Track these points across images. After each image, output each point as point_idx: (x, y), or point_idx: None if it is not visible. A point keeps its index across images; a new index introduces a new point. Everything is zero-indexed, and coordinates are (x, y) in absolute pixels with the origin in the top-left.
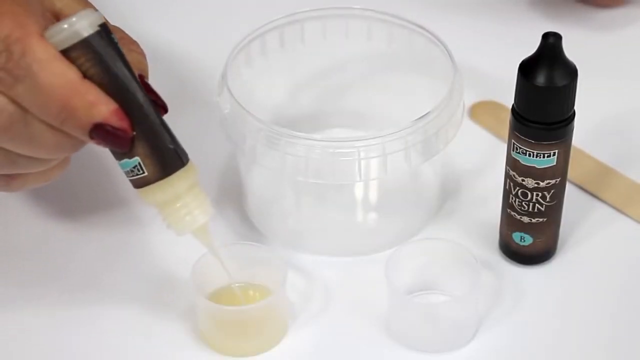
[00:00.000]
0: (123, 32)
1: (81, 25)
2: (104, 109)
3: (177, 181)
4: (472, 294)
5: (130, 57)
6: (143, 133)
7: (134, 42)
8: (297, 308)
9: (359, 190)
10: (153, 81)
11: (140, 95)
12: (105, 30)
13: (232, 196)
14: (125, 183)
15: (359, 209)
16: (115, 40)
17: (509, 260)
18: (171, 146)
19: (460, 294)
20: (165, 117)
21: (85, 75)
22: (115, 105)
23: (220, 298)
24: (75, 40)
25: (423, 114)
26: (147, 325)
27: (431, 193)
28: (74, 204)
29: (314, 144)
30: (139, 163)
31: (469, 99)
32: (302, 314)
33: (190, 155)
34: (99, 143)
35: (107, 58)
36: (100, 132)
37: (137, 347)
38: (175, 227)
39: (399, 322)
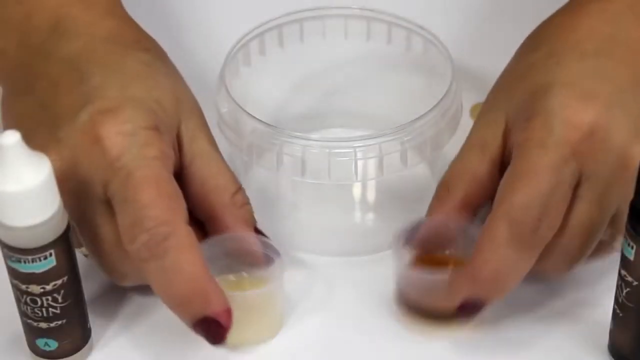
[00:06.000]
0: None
1: None
2: (218, 307)
3: None
4: None
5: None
6: None
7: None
8: (296, 308)
9: (356, 191)
10: None
11: None
12: None
13: None
14: None
15: (357, 210)
16: None
17: None
18: None
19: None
20: None
21: None
22: (227, 305)
23: None
24: None
25: (421, 114)
26: (144, 315)
27: (429, 194)
28: None
29: (311, 144)
30: None
31: (468, 100)
32: (301, 314)
33: None
34: (196, 331)
35: None
36: (204, 325)
37: (136, 339)
38: None
39: (406, 294)
